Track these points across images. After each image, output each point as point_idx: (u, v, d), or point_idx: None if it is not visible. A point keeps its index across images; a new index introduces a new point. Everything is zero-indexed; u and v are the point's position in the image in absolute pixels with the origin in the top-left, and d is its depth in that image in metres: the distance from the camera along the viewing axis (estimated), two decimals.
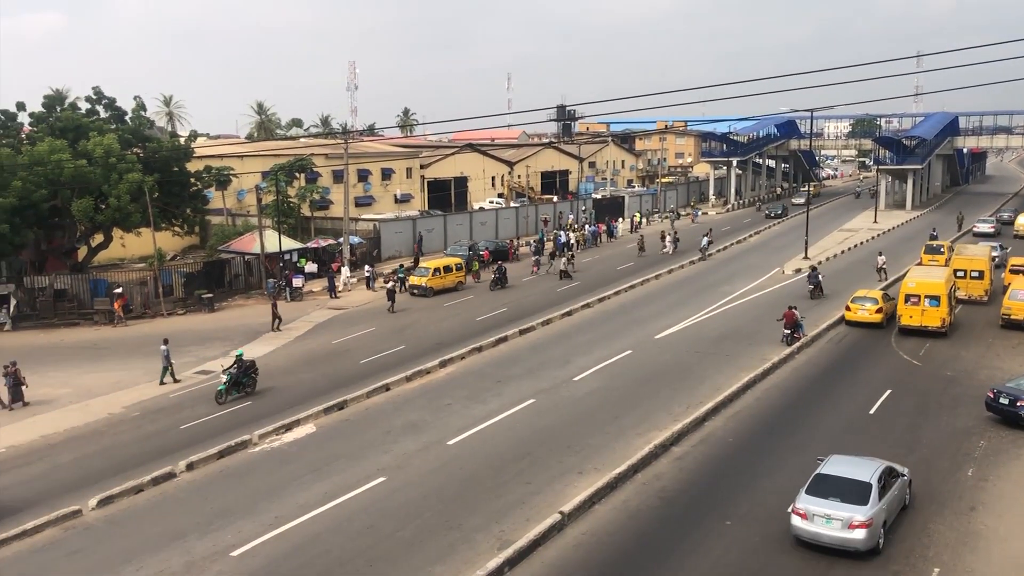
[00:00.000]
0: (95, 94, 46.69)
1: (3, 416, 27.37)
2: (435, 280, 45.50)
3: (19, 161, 39.70)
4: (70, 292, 42.66)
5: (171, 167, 45.99)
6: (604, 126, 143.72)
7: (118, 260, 50.36)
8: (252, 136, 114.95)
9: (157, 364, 32.87)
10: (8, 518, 19.35)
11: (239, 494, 20.37)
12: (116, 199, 40.71)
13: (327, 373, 31.53)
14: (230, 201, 61.53)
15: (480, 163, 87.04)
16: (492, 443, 23.19)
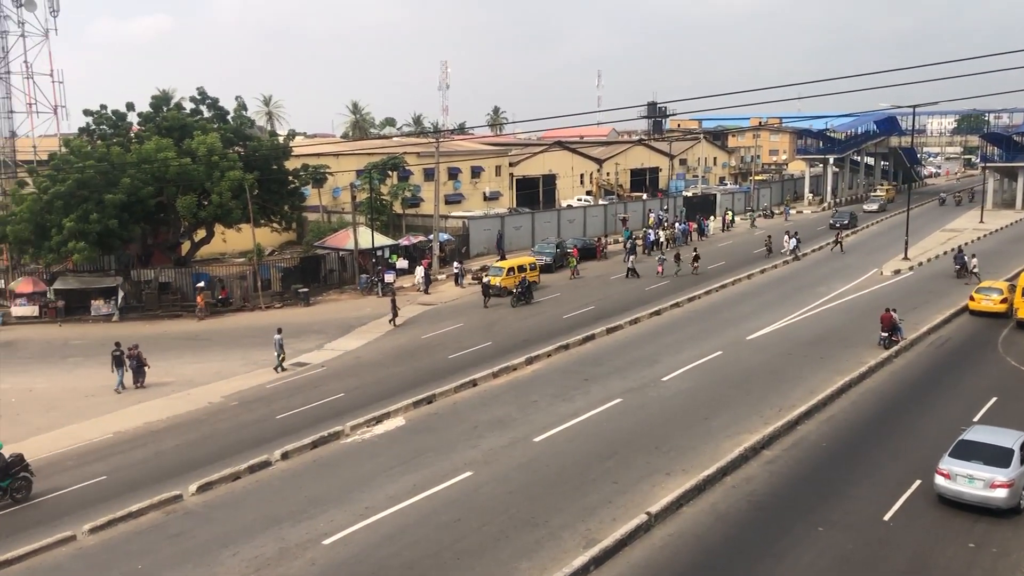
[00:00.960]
0: (199, 94, 48.45)
1: (111, 403, 28.71)
2: (508, 280, 44.57)
3: (128, 159, 41.50)
4: (174, 285, 44.49)
5: (270, 165, 47.39)
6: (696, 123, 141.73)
7: (219, 255, 52.17)
8: (347, 135, 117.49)
9: (254, 355, 34.10)
10: (114, 500, 20.33)
11: (331, 484, 20.90)
12: (218, 196, 42.17)
13: (416, 367, 32.03)
14: (326, 198, 63.00)
15: (569, 160, 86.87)
16: (578, 441, 23.17)
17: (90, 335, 38.78)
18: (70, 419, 27.04)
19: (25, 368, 33.26)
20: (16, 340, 37.87)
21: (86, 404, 28.57)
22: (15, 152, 48.13)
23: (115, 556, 17.61)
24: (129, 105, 46.99)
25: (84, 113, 46.69)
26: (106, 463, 23.26)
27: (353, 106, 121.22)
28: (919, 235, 59.11)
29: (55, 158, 43.49)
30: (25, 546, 17.82)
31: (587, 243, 57.97)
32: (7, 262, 45.16)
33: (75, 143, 43.91)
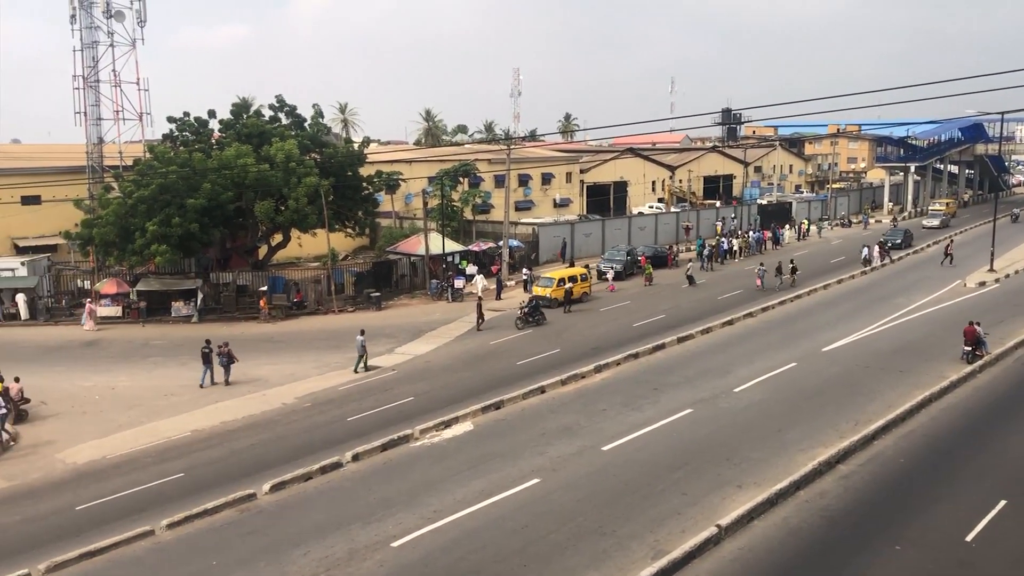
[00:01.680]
0: (277, 102, 49.58)
1: (189, 402, 29.51)
2: (559, 291, 43.65)
3: (209, 165, 42.68)
4: (251, 288, 45.56)
5: (345, 172, 48.19)
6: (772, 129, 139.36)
7: (295, 259, 53.22)
8: (420, 142, 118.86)
9: (327, 358, 34.70)
10: (191, 497, 20.87)
11: (400, 486, 21.10)
12: (295, 201, 43.04)
13: (485, 373, 32.16)
14: (398, 204, 63.81)
15: (640, 167, 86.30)
16: (648, 451, 22.94)
17: (170, 336, 39.99)
18: (150, 417, 27.89)
19: (108, 367, 34.43)
20: (100, 339, 39.24)
21: (166, 403, 29.43)
22: (102, 158, 49.89)
23: (191, 552, 18.08)
24: (211, 112, 48.38)
25: (168, 120, 48.27)
26: (184, 461, 23.91)
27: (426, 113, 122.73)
28: (1006, 245, 57.02)
29: (140, 164, 45.05)
30: (107, 539, 18.41)
31: (658, 251, 57.47)
32: (93, 264, 46.85)
33: (159, 149, 45.37)
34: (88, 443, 25.50)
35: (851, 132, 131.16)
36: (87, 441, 25.68)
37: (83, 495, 21.60)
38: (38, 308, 43.21)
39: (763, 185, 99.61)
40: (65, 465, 23.92)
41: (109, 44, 48.96)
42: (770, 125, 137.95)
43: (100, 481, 22.56)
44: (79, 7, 48.28)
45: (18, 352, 35.87)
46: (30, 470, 23.64)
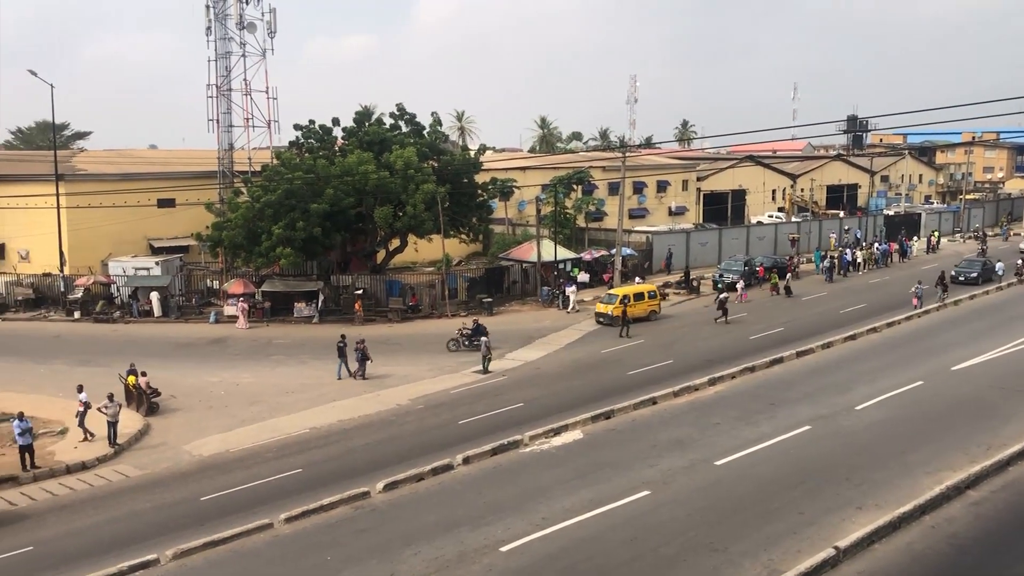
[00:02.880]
0: (398, 110, 50.77)
1: (308, 400, 30.47)
2: (619, 309, 41.03)
3: (332, 172, 44.10)
4: (368, 291, 46.79)
5: (461, 179, 48.91)
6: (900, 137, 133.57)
7: (411, 263, 54.33)
8: (534, 149, 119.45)
9: (440, 361, 35.30)
10: (307, 493, 21.53)
11: (509, 492, 21.20)
12: (412, 207, 43.95)
13: (595, 382, 31.99)
14: (511, 211, 64.28)
15: (760, 176, 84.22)
16: (762, 467, 22.31)
17: (292, 335, 41.47)
18: (271, 413, 28.97)
19: (233, 363, 35.95)
20: (227, 337, 41.03)
21: (286, 400, 30.50)
22: (233, 163, 52.24)
23: (307, 546, 18.64)
24: (335, 120, 49.95)
25: (294, 128, 50.12)
26: (302, 457, 24.72)
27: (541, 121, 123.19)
28: None
29: (267, 169, 46.91)
30: (229, 530, 19.19)
31: (777, 261, 55.84)
32: (222, 264, 49.08)
33: (285, 156, 47.20)
34: (213, 436, 26.69)
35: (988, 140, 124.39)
36: (212, 434, 26.88)
37: (208, 486, 22.61)
38: (170, 306, 45.54)
39: (890, 195, 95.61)
40: (192, 457, 25.10)
41: (241, 55, 51.32)
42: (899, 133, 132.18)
43: (224, 473, 23.57)
44: (214, 19, 50.79)
45: (151, 347, 37.90)
46: (160, 460, 24.91)
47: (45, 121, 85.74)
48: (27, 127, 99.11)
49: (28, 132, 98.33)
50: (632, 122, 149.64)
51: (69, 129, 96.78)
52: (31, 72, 43.43)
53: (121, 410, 26.60)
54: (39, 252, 48.80)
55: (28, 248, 49.60)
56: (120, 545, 18.93)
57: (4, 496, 22.39)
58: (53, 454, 25.18)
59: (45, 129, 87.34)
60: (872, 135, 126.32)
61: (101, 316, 44.66)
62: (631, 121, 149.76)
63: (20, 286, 47.72)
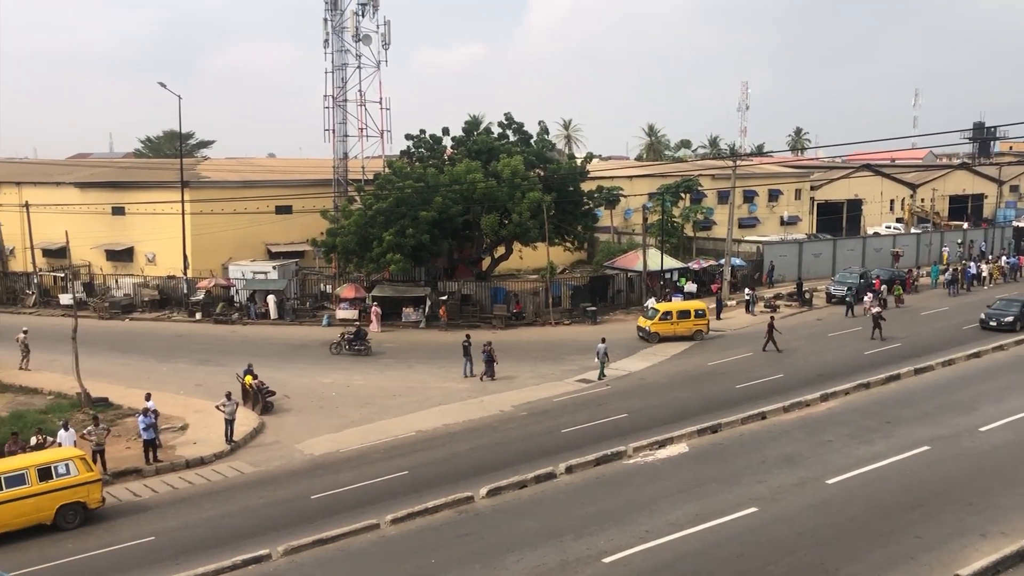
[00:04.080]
0: (506, 120, 51.26)
1: (415, 403, 30.99)
2: (662, 326, 40.21)
3: (441, 180, 44.87)
4: (474, 297, 47.34)
5: (567, 187, 48.99)
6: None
7: (515, 271, 54.66)
8: (641, 157, 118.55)
9: (543, 368, 35.42)
10: (413, 495, 21.89)
11: (612, 503, 21.03)
12: (518, 215, 44.27)
13: (701, 394, 31.43)
14: (617, 220, 63.96)
15: (878, 185, 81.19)
16: (877, 488, 21.44)
17: (400, 339, 42.34)
18: (380, 415, 29.62)
19: (345, 366, 36.92)
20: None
21: (394, 403, 31.14)
22: (347, 171, 53.76)
23: (412, 548, 18.93)
24: (444, 130, 50.82)
25: (405, 137, 51.31)
26: (408, 459, 25.16)
27: (648, 128, 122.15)
28: None
29: (379, 178, 48.07)
30: (337, 528, 19.70)
31: (895, 274, 53.69)
32: (335, 270, 50.53)
33: (397, 164, 48.30)
34: (324, 436, 27.47)
35: None
36: (323, 434, 27.67)
37: (318, 485, 23.27)
38: (285, 309, 47.18)
39: (1020, 206, 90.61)
40: (303, 456, 25.89)
41: (356, 66, 52.77)
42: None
43: (334, 473, 24.22)
44: (332, 32, 52.40)
45: (266, 348, 39.34)
46: (273, 458, 25.79)
47: (172, 131, 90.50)
48: (155, 136, 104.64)
49: (156, 141, 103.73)
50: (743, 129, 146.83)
51: (194, 138, 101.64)
52: (160, 84, 45.83)
53: (238, 409, 27.67)
54: (164, 255, 51.36)
55: (155, 251, 52.23)
56: (234, 539, 19.68)
57: (129, 487, 23.61)
58: (174, 449, 26.40)
59: (172, 138, 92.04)
60: (1001, 143, 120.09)
61: (220, 317, 46.66)
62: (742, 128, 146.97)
63: (146, 287, 50.36)
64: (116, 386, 32.63)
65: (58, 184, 54.92)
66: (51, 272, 52.56)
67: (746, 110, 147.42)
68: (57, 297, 50.48)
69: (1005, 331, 39.09)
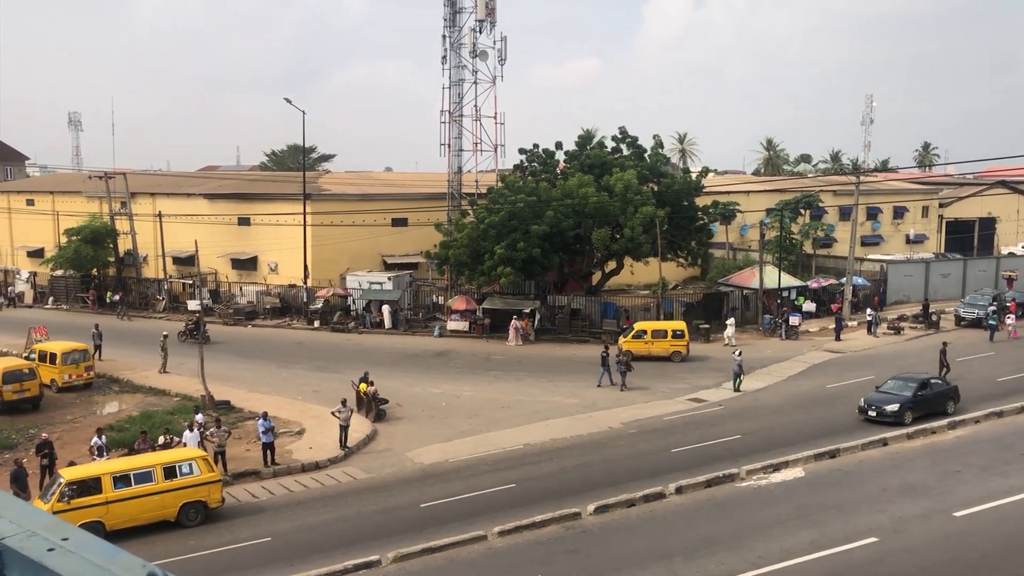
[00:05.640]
0: (620, 134, 51.02)
1: (522, 416, 31.04)
2: (636, 344, 39.07)
3: (553, 194, 44.99)
4: (583, 312, 47.18)
5: (681, 202, 48.31)
6: None
7: (626, 286, 54.19)
8: (759, 171, 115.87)
9: (654, 386, 34.93)
10: (520, 508, 21.89)
11: (724, 526, 20.51)
12: (630, 230, 43.91)
13: (819, 417, 30.35)
14: (732, 235, 62.67)
15: (1014, 203, 76.88)
16: (1012, 523, 20.21)
17: (509, 352, 42.58)
18: (488, 426, 29.82)
19: (455, 376, 37.40)
20: (449, 350, 42.75)
21: (503, 415, 31.29)
22: (461, 185, 54.54)
23: (519, 561, 18.94)
24: (557, 144, 51.00)
25: (519, 151, 51.69)
26: (516, 472, 25.20)
27: (767, 142, 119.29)
28: None
29: (492, 192, 48.58)
30: (445, 538, 19.89)
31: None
32: (447, 281, 51.32)
33: (509, 178, 48.71)
34: (434, 445, 27.83)
35: None
36: (433, 444, 28.03)
37: (427, 494, 23.58)
38: (399, 319, 48.18)
39: None
40: (414, 464, 26.30)
41: (473, 82, 53.53)
42: None
43: (443, 482, 24.50)
44: (449, 49, 53.38)
45: (380, 357, 40.22)
46: (385, 465, 26.29)
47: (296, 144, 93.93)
48: (280, 150, 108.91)
49: (280, 155, 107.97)
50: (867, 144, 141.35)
51: (316, 152, 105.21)
52: (286, 100, 47.66)
53: (352, 415, 28.35)
54: (286, 265, 53.29)
55: (277, 261, 54.25)
56: (346, 543, 20.13)
57: (248, 489, 24.51)
58: (291, 453, 27.26)
59: (295, 152, 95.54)
60: None
61: (337, 326, 48.05)
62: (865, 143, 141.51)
63: (268, 295, 52.35)
64: (238, 390, 33.96)
65: (188, 195, 57.81)
66: (180, 279, 55.29)
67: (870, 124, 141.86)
68: (185, 303, 53.03)
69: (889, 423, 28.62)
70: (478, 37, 53.09)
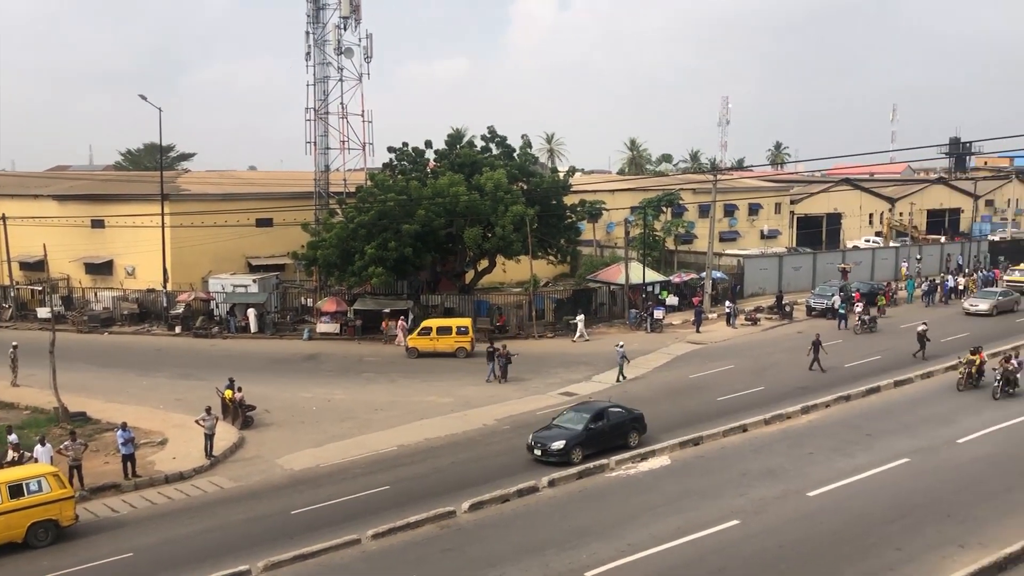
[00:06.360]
0: (489, 133, 51.33)
1: (396, 417, 30.83)
2: (420, 341, 40.37)
3: (424, 193, 44.85)
4: (457, 310, 47.25)
5: (550, 200, 49.06)
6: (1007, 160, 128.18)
7: (499, 284, 54.60)
8: (623, 171, 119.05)
9: (526, 382, 35.34)
10: (395, 510, 21.75)
11: (595, 516, 21.00)
12: (501, 229, 44.26)
13: (683, 407, 31.52)
14: (600, 233, 64.15)
15: (857, 199, 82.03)
16: (858, 500, 21.55)
17: (382, 353, 42.19)
18: (361, 430, 29.46)
19: (326, 380, 36.74)
20: (320, 353, 41.95)
21: (376, 417, 30.98)
22: (328, 184, 53.61)
23: (394, 563, 18.82)
24: (427, 143, 50.85)
25: (388, 150, 51.24)
26: (389, 474, 25.02)
27: (630, 143, 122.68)
28: None
29: (361, 191, 47.97)
30: (318, 544, 19.53)
31: (874, 288, 54.05)
32: (316, 283, 50.34)
33: (379, 177, 48.22)
34: (305, 451, 27.27)
35: None
36: (304, 449, 27.46)
37: (298, 500, 23.09)
38: (266, 322, 46.92)
39: (995, 220, 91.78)
40: (283, 470, 25.69)
41: (338, 79, 52.72)
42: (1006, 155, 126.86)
43: (314, 488, 24.03)
44: (314, 45, 52.38)
45: (247, 362, 39.06)
46: (253, 473, 25.58)
47: (153, 143, 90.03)
48: (136, 149, 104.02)
49: (137, 154, 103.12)
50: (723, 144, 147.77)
51: (175, 151, 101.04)
52: (141, 97, 45.60)
53: (217, 423, 27.42)
54: (144, 268, 50.96)
55: (134, 264, 51.82)
56: (214, 555, 19.48)
57: (108, 503, 23.34)
58: (153, 464, 26.10)
59: (152, 151, 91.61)
60: (976, 158, 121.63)
61: (200, 331, 46.32)
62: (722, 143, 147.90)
63: (126, 301, 49.92)
64: (95, 400, 32.28)
65: (36, 197, 54.38)
66: (28, 286, 52.02)
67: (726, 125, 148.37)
68: (35, 311, 49.94)
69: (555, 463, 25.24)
70: (343, 34, 52.36)
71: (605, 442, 25.98)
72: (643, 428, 27.18)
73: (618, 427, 26.62)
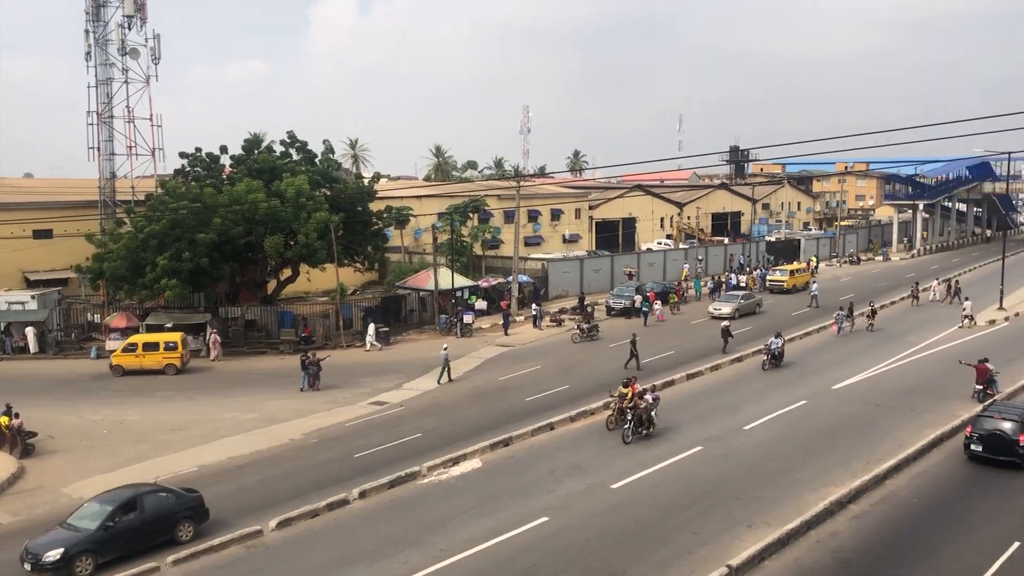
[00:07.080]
0: (289, 138, 49.98)
1: (197, 437, 29.38)
2: (125, 358, 38.80)
3: (220, 200, 42.96)
4: (259, 322, 45.65)
5: (355, 207, 48.39)
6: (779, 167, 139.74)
7: (303, 293, 53.31)
8: (429, 177, 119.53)
9: (335, 394, 34.70)
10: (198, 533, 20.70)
11: (408, 524, 20.92)
12: (304, 236, 43.20)
13: (493, 409, 32.02)
14: (407, 239, 64.01)
15: (649, 204, 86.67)
16: (657, 489, 22.75)
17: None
18: (158, 451, 27.80)
19: (118, 400, 34.39)
20: (109, 373, 39.17)
21: (174, 437, 29.35)
22: (115, 192, 50.31)
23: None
24: (222, 148, 48.80)
25: (180, 156, 48.80)
26: None
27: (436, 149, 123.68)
28: (1017, 283, 56.73)
29: (151, 199, 45.34)
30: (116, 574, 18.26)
31: (667, 287, 57.31)
32: (104, 298, 47.05)
33: (170, 184, 45.69)
34: (95, 477, 25.38)
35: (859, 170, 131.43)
36: (94, 476, 25.56)
37: None
38: (47, 341, 43.37)
39: (771, 222, 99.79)
40: (71, 500, 23.73)
41: (124, 81, 49.63)
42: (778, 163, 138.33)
43: None
44: (94, 45, 49.02)
45: (27, 385, 35.94)
46: (36, 505, 23.56)
47: None
48: None
49: None
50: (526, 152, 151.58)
51: None
52: None
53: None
54: None
55: None
56: None
57: None
58: None
59: None
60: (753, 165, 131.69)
61: None
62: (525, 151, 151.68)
63: None
64: None
65: None
66: None
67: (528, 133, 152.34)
68: None
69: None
70: (127, 34, 49.38)
71: (138, 541, 19.94)
72: (202, 516, 21.32)
73: (161, 520, 20.48)
